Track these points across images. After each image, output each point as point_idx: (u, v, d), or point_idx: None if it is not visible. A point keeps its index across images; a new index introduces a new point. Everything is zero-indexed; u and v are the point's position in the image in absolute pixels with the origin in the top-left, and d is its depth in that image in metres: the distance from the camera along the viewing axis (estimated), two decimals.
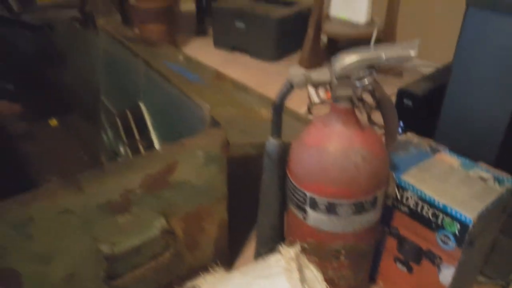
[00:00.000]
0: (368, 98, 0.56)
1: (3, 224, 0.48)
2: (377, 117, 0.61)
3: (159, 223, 0.61)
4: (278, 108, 0.56)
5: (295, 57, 1.78)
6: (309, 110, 1.25)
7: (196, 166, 0.62)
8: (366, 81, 0.48)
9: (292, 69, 0.52)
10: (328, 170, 0.53)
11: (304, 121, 1.05)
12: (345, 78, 0.50)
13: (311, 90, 1.29)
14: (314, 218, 0.57)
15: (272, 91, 1.12)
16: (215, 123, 0.63)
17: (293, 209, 0.60)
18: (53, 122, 1.29)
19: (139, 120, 0.83)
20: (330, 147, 0.53)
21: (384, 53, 0.49)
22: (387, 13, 1.42)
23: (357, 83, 0.49)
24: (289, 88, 0.53)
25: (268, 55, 1.73)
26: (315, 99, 1.27)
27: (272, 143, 0.58)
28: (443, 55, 1.18)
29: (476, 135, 0.74)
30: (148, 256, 0.61)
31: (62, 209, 0.51)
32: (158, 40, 1.70)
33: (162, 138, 0.79)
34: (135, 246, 0.58)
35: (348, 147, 0.52)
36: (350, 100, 0.52)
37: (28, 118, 1.28)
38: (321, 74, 0.51)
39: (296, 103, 1.28)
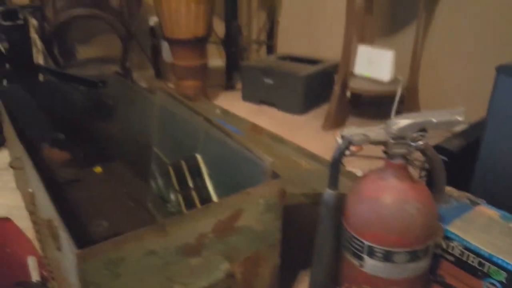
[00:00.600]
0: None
1: (99, 263, 0.54)
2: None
3: (224, 267, 0.66)
4: (336, 162, 0.63)
5: (319, 110, 1.88)
6: (341, 162, 1.32)
7: (257, 213, 0.68)
8: (420, 141, 0.56)
9: (347, 129, 0.60)
10: (387, 221, 0.58)
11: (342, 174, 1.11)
12: (399, 138, 0.57)
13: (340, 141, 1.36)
14: (371, 265, 0.61)
15: (299, 142, 1.19)
16: (274, 175, 0.70)
17: (348, 256, 0.65)
18: (98, 169, 1.37)
19: (194, 170, 0.91)
20: (387, 199, 0.59)
21: (434, 118, 0.57)
22: (410, 71, 1.53)
23: (412, 143, 0.56)
24: (347, 145, 0.61)
25: (295, 109, 1.84)
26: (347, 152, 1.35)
27: (329, 194, 0.64)
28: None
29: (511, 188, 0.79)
30: None
31: (148, 250, 0.57)
32: (193, 94, 1.83)
33: (218, 187, 0.86)
34: None
35: (404, 199, 0.58)
36: (404, 157, 0.59)
37: (75, 165, 1.37)
38: (378, 134, 0.59)
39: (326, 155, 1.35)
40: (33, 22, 1.79)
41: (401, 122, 0.57)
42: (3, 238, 1.03)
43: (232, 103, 2.02)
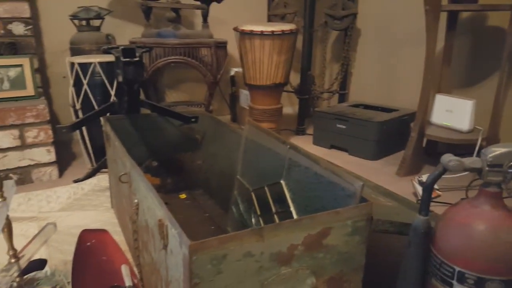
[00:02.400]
0: None
1: (206, 257, 0.61)
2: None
3: (310, 281, 0.69)
4: (429, 188, 0.65)
5: (393, 157, 1.88)
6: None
7: (344, 234, 0.71)
8: None
9: (444, 156, 0.63)
10: (480, 247, 0.59)
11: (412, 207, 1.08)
12: (495, 166, 0.59)
13: (418, 187, 1.35)
14: None
15: None
16: (363, 199, 0.73)
17: (436, 283, 0.65)
18: (182, 195, 1.49)
19: (277, 195, 0.97)
20: (481, 225, 0.60)
21: None
22: (491, 121, 1.50)
23: (509, 170, 0.58)
24: (442, 171, 0.63)
25: (368, 155, 1.86)
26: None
27: (420, 219, 0.66)
28: None
29: None
30: None
31: (247, 251, 0.63)
32: None
33: (301, 211, 0.90)
34: None
35: (499, 226, 0.59)
36: (499, 185, 0.60)
37: (163, 190, 1.51)
38: (473, 161, 0.61)
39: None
40: None
41: (497, 150, 0.59)
42: (101, 247, 1.15)
43: (303, 147, 2.09)
